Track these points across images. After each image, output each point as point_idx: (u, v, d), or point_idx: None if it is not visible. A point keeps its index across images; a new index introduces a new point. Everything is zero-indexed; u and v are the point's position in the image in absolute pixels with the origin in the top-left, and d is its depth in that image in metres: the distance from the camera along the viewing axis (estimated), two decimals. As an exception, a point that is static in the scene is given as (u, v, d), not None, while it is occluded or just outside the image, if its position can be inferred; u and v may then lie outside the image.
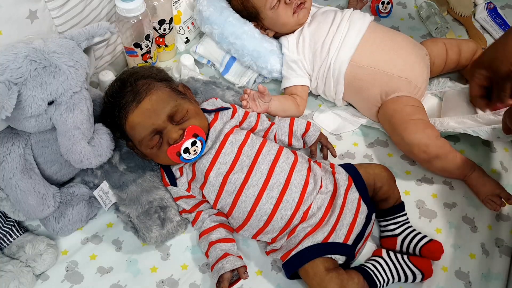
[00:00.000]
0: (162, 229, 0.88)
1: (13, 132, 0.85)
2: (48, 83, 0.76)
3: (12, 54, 0.74)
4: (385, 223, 0.92)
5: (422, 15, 1.36)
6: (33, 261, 0.85)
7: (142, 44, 1.08)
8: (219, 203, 0.89)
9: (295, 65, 1.11)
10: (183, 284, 0.87)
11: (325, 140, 1.04)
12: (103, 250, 0.91)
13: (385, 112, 1.05)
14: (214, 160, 0.88)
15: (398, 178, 0.95)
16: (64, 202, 0.90)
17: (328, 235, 0.84)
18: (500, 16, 1.36)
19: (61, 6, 0.91)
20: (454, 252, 0.92)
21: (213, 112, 0.95)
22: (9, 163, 0.83)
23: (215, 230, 0.89)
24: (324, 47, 1.08)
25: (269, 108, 1.04)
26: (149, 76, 0.92)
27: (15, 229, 0.89)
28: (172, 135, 0.84)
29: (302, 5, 1.09)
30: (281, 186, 0.86)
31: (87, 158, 0.82)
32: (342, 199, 0.87)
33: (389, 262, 0.87)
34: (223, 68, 1.19)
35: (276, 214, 0.85)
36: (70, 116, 0.79)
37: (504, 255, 0.93)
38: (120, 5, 1.00)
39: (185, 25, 1.24)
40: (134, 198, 0.89)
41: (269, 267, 0.90)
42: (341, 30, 1.08)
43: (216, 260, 0.85)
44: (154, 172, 0.94)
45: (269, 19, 1.12)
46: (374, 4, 1.34)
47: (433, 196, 1.00)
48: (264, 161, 0.88)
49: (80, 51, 0.81)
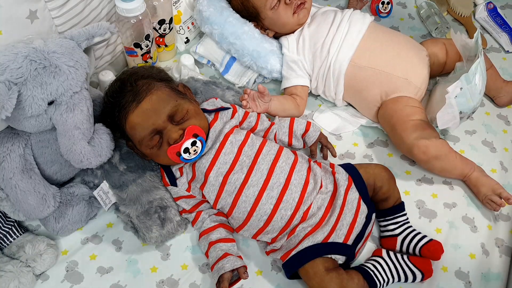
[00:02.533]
0: (162, 229, 0.88)
1: (13, 132, 0.85)
2: (48, 83, 0.76)
3: (12, 54, 0.74)
4: (385, 223, 0.92)
5: (422, 15, 1.36)
6: (33, 261, 0.85)
7: (142, 44, 1.08)
8: (219, 203, 0.89)
9: (295, 65, 1.11)
10: (183, 284, 0.87)
11: (325, 140, 1.04)
12: (103, 250, 0.91)
13: (385, 112, 1.05)
14: (214, 160, 0.88)
15: (398, 178, 0.95)
16: (64, 202, 0.90)
17: (328, 235, 0.84)
18: (500, 16, 1.36)
19: (61, 6, 0.91)
20: (454, 252, 0.92)
21: (213, 112, 0.95)
22: (9, 163, 0.83)
23: (215, 230, 0.89)
24: (324, 48, 1.08)
25: (269, 108, 1.04)
26: (149, 76, 0.92)
27: (15, 229, 0.89)
28: (172, 135, 0.84)
29: (302, 5, 1.10)
30: (281, 186, 0.86)
31: (87, 158, 0.82)
32: (342, 199, 0.87)
33: (389, 262, 0.87)
34: (223, 68, 1.19)
35: (276, 214, 0.85)
36: (70, 116, 0.79)
37: (504, 255, 0.93)
38: (120, 5, 1.00)
39: (185, 25, 1.24)
40: (134, 198, 0.89)
41: (269, 267, 0.90)
42: (341, 30, 1.08)
43: (216, 260, 0.85)
44: (154, 172, 0.94)
45: (269, 19, 1.12)
46: (374, 4, 1.34)
47: (433, 196, 1.00)
48: (264, 161, 0.88)
49: (80, 51, 0.81)
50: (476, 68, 0.93)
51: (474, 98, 0.95)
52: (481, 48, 0.95)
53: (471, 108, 0.97)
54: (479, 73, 0.94)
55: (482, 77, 0.95)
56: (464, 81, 0.92)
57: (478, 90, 0.95)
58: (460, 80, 0.92)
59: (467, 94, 0.94)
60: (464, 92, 0.93)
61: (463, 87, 0.93)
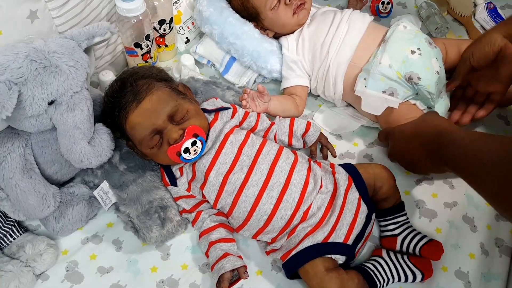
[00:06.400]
0: (162, 229, 0.88)
1: (13, 132, 0.85)
2: (48, 83, 0.76)
3: (12, 54, 0.74)
4: (385, 223, 0.92)
5: (422, 15, 1.36)
6: (33, 261, 0.85)
7: (142, 44, 1.08)
8: (219, 203, 0.89)
9: (295, 66, 1.11)
10: (183, 284, 0.87)
11: (325, 140, 1.04)
12: (103, 250, 0.91)
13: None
14: (214, 160, 0.88)
15: (398, 178, 0.95)
16: (64, 202, 0.90)
17: (328, 235, 0.84)
18: (500, 16, 1.36)
19: (61, 6, 0.91)
20: (454, 252, 0.92)
21: (213, 112, 0.95)
22: (9, 163, 0.83)
23: (215, 230, 0.89)
24: (323, 48, 1.08)
25: (268, 108, 1.04)
26: (149, 76, 0.92)
27: (15, 229, 0.89)
28: (172, 135, 0.84)
29: (302, 6, 1.10)
30: (281, 186, 0.86)
31: (87, 158, 0.82)
32: (342, 199, 0.87)
33: (389, 262, 0.87)
34: (223, 68, 1.19)
35: (276, 214, 0.85)
36: (70, 116, 0.79)
37: (504, 255, 0.93)
38: (121, 5, 1.00)
39: (185, 25, 1.24)
40: (134, 198, 0.89)
41: (269, 267, 0.90)
42: (340, 30, 1.08)
43: (216, 260, 0.85)
44: (154, 172, 0.94)
45: (269, 20, 1.12)
46: (374, 4, 1.34)
47: (433, 195, 1.00)
48: (264, 161, 0.88)
49: (80, 51, 0.81)
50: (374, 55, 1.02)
51: (412, 65, 0.98)
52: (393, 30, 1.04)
53: (433, 73, 0.99)
54: (386, 51, 1.00)
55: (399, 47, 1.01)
56: (364, 73, 1.02)
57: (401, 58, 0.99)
58: (360, 76, 1.02)
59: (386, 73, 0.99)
60: (375, 75, 0.99)
61: (365, 77, 1.01)
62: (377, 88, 1.00)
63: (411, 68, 0.98)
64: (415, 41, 1.02)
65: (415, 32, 1.05)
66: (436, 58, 1.02)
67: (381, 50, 1.01)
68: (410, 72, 0.98)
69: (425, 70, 0.98)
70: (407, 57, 0.99)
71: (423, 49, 1.01)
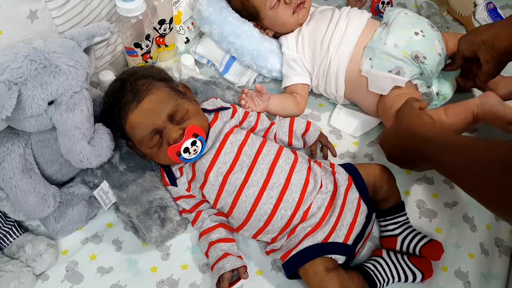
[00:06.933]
0: (162, 229, 0.88)
1: (13, 132, 0.85)
2: (48, 83, 0.76)
3: (12, 54, 0.74)
4: (385, 223, 0.92)
5: (422, 15, 1.35)
6: (33, 261, 0.85)
7: (142, 44, 1.08)
8: (219, 203, 0.89)
9: (295, 64, 1.11)
10: (183, 284, 0.87)
11: (325, 140, 1.04)
12: (103, 250, 0.91)
13: (384, 105, 1.04)
14: (214, 160, 0.88)
15: (398, 178, 0.95)
16: (64, 202, 0.90)
17: (328, 235, 0.84)
18: (500, 16, 1.36)
19: (61, 6, 0.91)
20: (454, 252, 0.92)
21: (213, 112, 0.95)
22: (9, 163, 0.83)
23: (215, 230, 0.89)
24: (323, 44, 1.08)
25: (268, 107, 1.04)
26: (149, 76, 0.92)
27: (15, 229, 0.89)
28: (172, 134, 0.84)
29: (302, 5, 1.10)
30: (281, 186, 0.86)
31: (87, 158, 0.82)
32: (342, 199, 0.87)
33: (389, 262, 0.87)
34: (223, 68, 1.19)
35: (276, 214, 0.85)
36: (70, 116, 0.79)
37: (504, 255, 0.93)
38: (121, 5, 1.00)
39: (185, 25, 1.24)
40: (134, 198, 0.89)
41: (269, 267, 0.90)
42: (339, 27, 1.08)
43: (216, 260, 0.85)
44: (154, 172, 0.94)
45: (269, 19, 1.12)
46: (374, 4, 1.34)
47: (433, 195, 1.00)
48: (264, 161, 0.88)
49: (80, 51, 0.81)
50: (379, 35, 1.04)
51: (417, 45, 1.00)
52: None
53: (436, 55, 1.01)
54: (391, 32, 1.03)
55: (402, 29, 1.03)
56: (368, 51, 1.04)
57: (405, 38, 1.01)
58: (365, 54, 1.04)
59: (385, 55, 1.01)
60: (379, 55, 1.01)
61: (371, 57, 1.03)
62: (383, 68, 1.01)
63: (416, 47, 1.00)
64: (418, 23, 1.04)
65: (417, 17, 1.08)
66: (438, 41, 1.04)
67: (385, 33, 1.03)
68: (416, 51, 1.00)
69: (429, 51, 1.01)
70: (411, 37, 1.01)
71: (426, 31, 1.03)
